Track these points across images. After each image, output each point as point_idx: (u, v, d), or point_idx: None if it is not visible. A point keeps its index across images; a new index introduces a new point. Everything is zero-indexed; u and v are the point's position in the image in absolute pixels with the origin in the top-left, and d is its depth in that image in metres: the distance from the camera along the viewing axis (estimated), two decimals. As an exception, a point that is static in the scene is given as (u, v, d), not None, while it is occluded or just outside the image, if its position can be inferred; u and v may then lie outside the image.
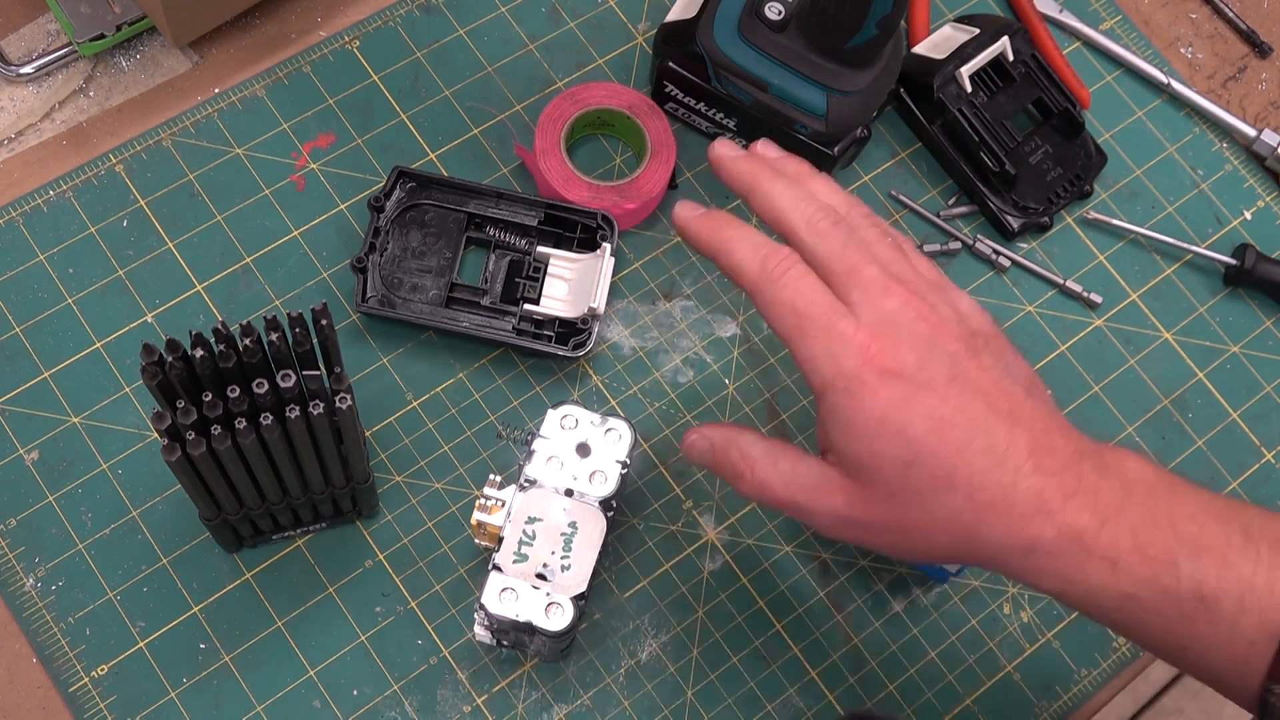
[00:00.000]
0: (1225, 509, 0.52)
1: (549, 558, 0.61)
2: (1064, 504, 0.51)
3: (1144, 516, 0.51)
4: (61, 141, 0.74)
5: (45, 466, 0.68)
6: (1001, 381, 0.53)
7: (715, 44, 0.72)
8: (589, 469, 0.62)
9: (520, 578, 0.60)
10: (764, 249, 0.54)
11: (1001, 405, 0.52)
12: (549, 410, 0.63)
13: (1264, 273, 0.77)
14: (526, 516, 0.61)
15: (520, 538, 0.61)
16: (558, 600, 0.60)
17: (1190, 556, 0.51)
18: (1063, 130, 0.79)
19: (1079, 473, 0.52)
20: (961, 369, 0.52)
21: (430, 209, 0.73)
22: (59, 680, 0.64)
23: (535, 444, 0.62)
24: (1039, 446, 0.52)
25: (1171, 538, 0.51)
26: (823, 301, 0.53)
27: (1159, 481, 0.53)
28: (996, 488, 0.51)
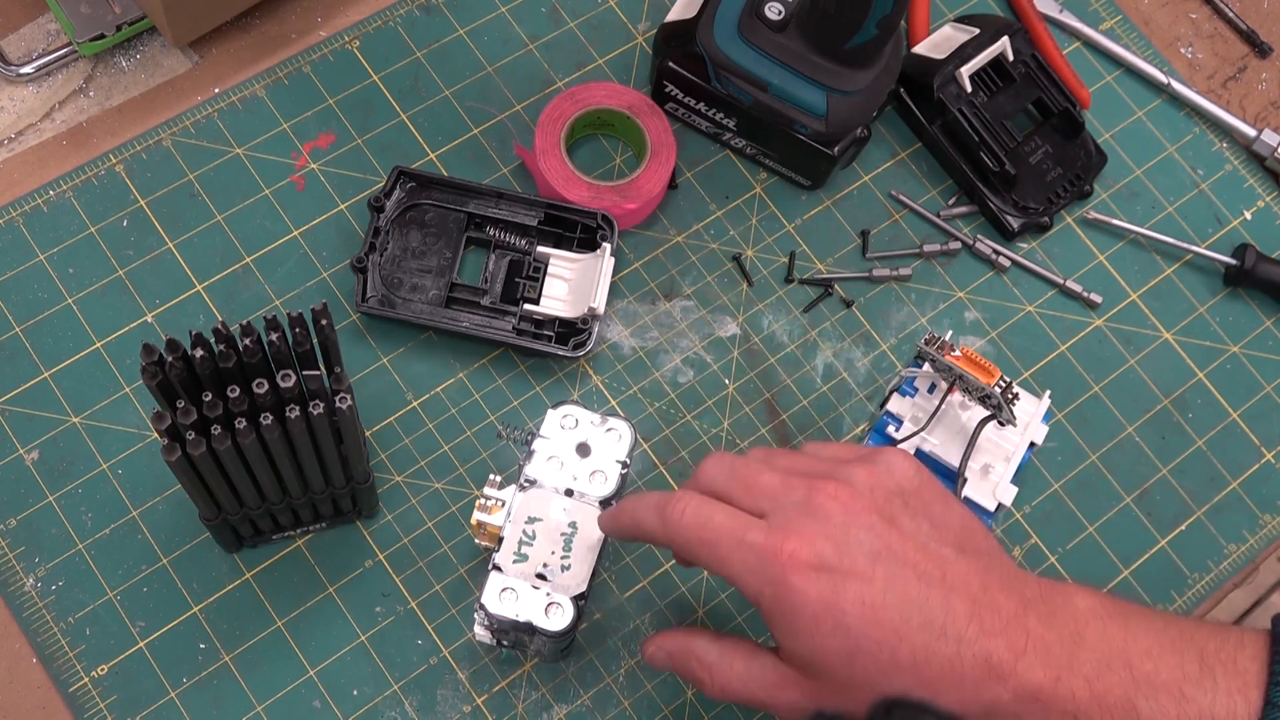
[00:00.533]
0: (1179, 637, 0.52)
1: (549, 558, 0.61)
2: (1014, 664, 0.51)
3: (1098, 663, 0.51)
4: (61, 141, 0.74)
5: (45, 466, 0.68)
6: (928, 546, 0.53)
7: (715, 44, 0.72)
8: (589, 469, 0.62)
9: (520, 578, 0.60)
10: (662, 501, 0.55)
11: (932, 573, 0.52)
12: (549, 410, 0.63)
13: (1264, 273, 0.77)
14: (526, 516, 0.61)
15: (520, 538, 0.61)
16: (558, 600, 0.60)
17: (1148, 699, 0.51)
18: (1063, 130, 0.79)
19: (1025, 628, 0.52)
20: (883, 543, 0.52)
21: (430, 209, 0.73)
22: (59, 680, 0.64)
23: (535, 444, 0.62)
24: (979, 607, 0.52)
25: (1128, 680, 0.51)
26: (728, 522, 0.53)
27: (1110, 617, 0.53)
28: (942, 660, 0.51)
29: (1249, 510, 0.74)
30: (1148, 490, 0.74)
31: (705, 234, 0.76)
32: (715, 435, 0.72)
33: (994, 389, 0.66)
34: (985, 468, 0.69)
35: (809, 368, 0.74)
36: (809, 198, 0.78)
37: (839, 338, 0.75)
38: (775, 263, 0.76)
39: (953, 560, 0.53)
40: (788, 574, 0.51)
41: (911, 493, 0.55)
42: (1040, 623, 0.52)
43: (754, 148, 0.77)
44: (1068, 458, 0.74)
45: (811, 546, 0.52)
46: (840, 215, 0.78)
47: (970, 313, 0.77)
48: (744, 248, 0.76)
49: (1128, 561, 0.73)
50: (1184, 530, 0.74)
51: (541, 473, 0.62)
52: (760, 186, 0.78)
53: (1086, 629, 0.52)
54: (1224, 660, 0.52)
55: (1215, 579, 0.73)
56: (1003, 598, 0.52)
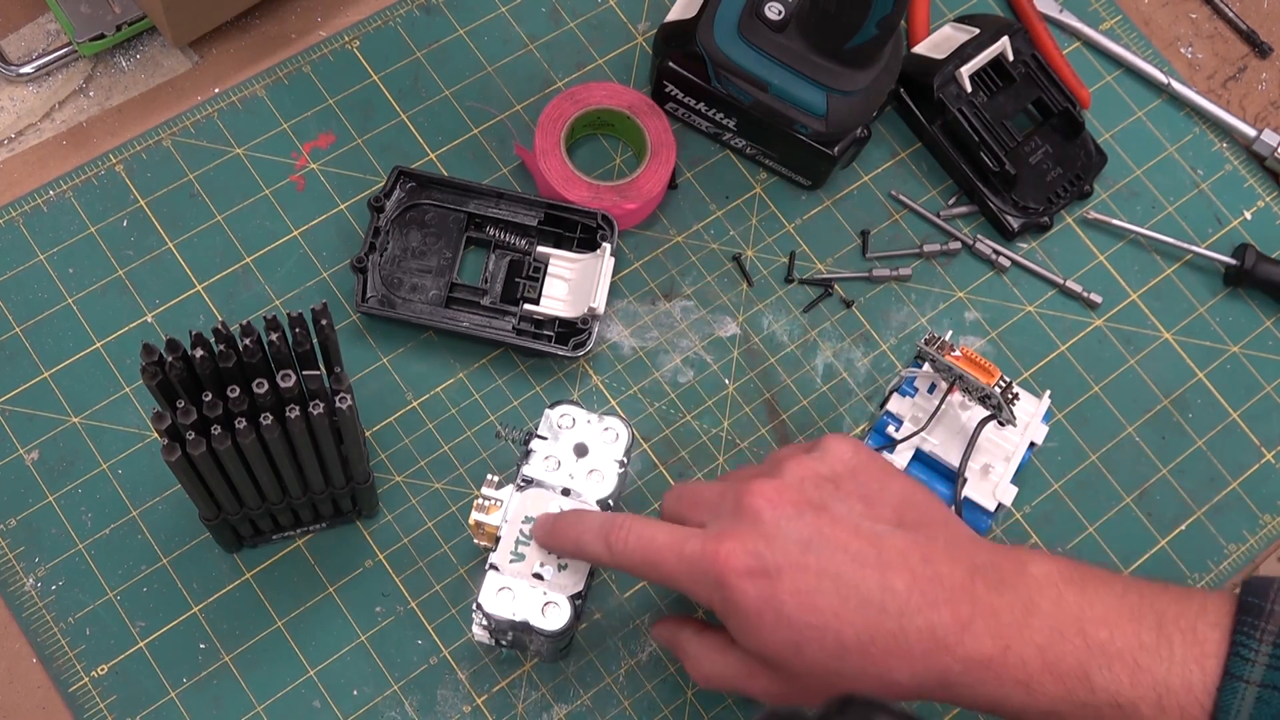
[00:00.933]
0: (1139, 602, 0.52)
1: (546, 557, 0.60)
2: (961, 636, 0.51)
3: (1051, 631, 0.51)
4: (61, 141, 0.74)
5: (45, 466, 0.68)
6: (861, 526, 0.53)
7: (715, 44, 0.72)
8: (586, 468, 0.62)
9: (517, 577, 0.60)
10: (604, 527, 0.56)
11: (867, 553, 0.52)
12: (546, 410, 0.63)
13: (1264, 273, 0.77)
14: (524, 516, 0.61)
15: (517, 537, 0.61)
16: (554, 599, 0.60)
17: (1102, 668, 0.50)
18: (1063, 130, 0.79)
19: (972, 596, 0.51)
20: (812, 530, 0.53)
21: (430, 209, 0.73)
22: (59, 680, 0.64)
23: (533, 444, 0.62)
24: (919, 580, 0.52)
25: (1082, 648, 0.51)
26: (667, 538, 0.55)
27: (1066, 583, 0.52)
28: (886, 637, 0.51)
29: (1249, 510, 0.74)
30: (1148, 490, 0.74)
31: (705, 234, 0.76)
32: (715, 435, 0.72)
33: (994, 389, 0.66)
34: (985, 468, 0.69)
35: (809, 368, 0.74)
36: (809, 198, 0.78)
37: (839, 338, 0.75)
38: (775, 263, 0.76)
39: (889, 536, 0.53)
40: (726, 577, 0.52)
41: (845, 475, 0.55)
42: (989, 590, 0.52)
43: (754, 148, 0.77)
44: (1068, 458, 0.74)
45: (744, 546, 0.53)
46: (840, 215, 0.78)
47: (970, 313, 0.77)
48: (744, 248, 0.76)
49: (1128, 561, 0.73)
50: (1184, 530, 0.74)
51: (539, 473, 0.62)
52: (760, 186, 0.78)
53: (1040, 596, 0.52)
54: (1183, 628, 0.51)
55: (1215, 579, 0.73)
56: (947, 568, 0.52)
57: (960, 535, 0.55)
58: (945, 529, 0.55)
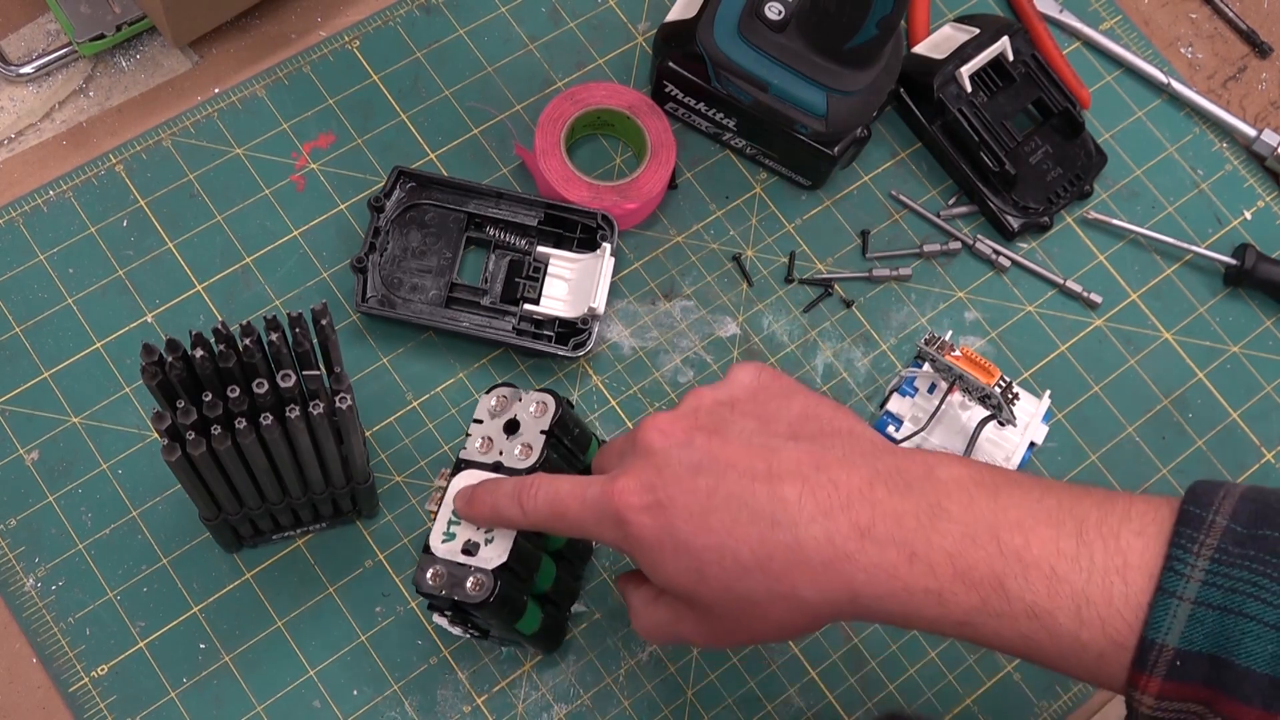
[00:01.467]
0: (1056, 507, 0.48)
1: (474, 534, 0.60)
2: (861, 543, 0.48)
3: (961, 536, 0.48)
4: (61, 141, 0.74)
5: (45, 466, 0.68)
6: (752, 441, 0.52)
7: (715, 44, 0.72)
8: (515, 444, 0.62)
9: (449, 555, 0.59)
10: (515, 488, 0.56)
11: (757, 466, 0.50)
12: (481, 395, 0.62)
13: (1264, 273, 0.77)
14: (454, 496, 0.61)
15: (449, 518, 0.60)
16: (480, 574, 0.58)
17: (1017, 576, 0.47)
18: (1063, 130, 0.79)
19: (871, 501, 0.49)
20: (702, 453, 0.51)
21: (430, 209, 0.73)
22: (59, 680, 0.64)
23: (470, 428, 0.62)
24: (811, 488, 0.49)
25: (995, 555, 0.48)
26: (570, 488, 0.55)
27: (978, 487, 0.49)
28: (782, 549, 0.49)
29: (1249, 510, 0.74)
30: (1148, 490, 0.74)
31: (705, 234, 0.76)
32: (715, 435, 0.72)
33: (994, 389, 0.66)
34: (985, 468, 0.69)
35: (809, 368, 0.74)
36: (809, 198, 0.78)
37: (839, 338, 0.75)
38: (775, 263, 0.76)
39: (782, 449, 0.51)
40: (624, 513, 0.52)
41: (744, 398, 0.54)
42: (891, 494, 0.49)
43: (754, 148, 0.77)
44: (1068, 458, 0.74)
45: (638, 480, 0.52)
46: (840, 215, 0.78)
47: (970, 313, 0.77)
48: (744, 248, 0.76)
49: (1128, 561, 0.72)
50: (1184, 530, 0.73)
51: (474, 455, 0.61)
52: (760, 186, 0.78)
53: (949, 500, 0.49)
54: (1105, 535, 0.47)
55: (1215, 579, 0.73)
56: (844, 475, 0.50)
57: (862, 443, 0.52)
58: (846, 438, 0.52)
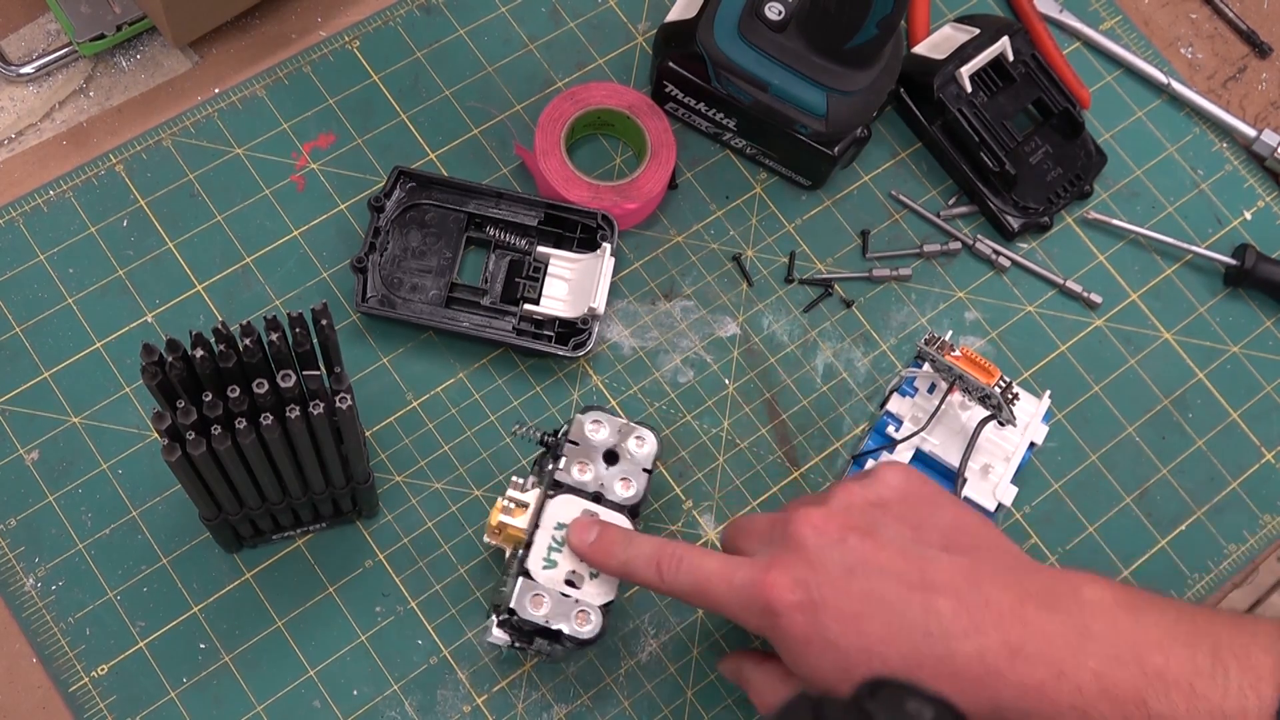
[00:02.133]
0: (1192, 629, 0.52)
1: (578, 564, 0.60)
2: (1011, 661, 0.50)
3: (1106, 655, 0.50)
4: (61, 141, 0.74)
5: (45, 466, 0.68)
6: (907, 550, 0.53)
7: (715, 44, 0.72)
8: (616, 475, 0.62)
9: (549, 584, 0.60)
10: (654, 555, 0.57)
11: (911, 576, 0.52)
12: (577, 415, 0.63)
13: (1264, 273, 0.77)
14: (555, 522, 0.61)
15: (549, 543, 0.60)
16: (586, 608, 0.60)
17: (1158, 694, 0.50)
18: (1063, 130, 0.79)
19: (1023, 620, 0.51)
20: (858, 557, 0.53)
21: (430, 209, 0.73)
22: (59, 680, 0.64)
23: (564, 449, 0.62)
24: (967, 605, 0.51)
25: (1138, 674, 0.50)
26: (717, 568, 0.55)
27: (1121, 608, 0.52)
28: (934, 662, 0.51)
29: (1249, 510, 0.74)
30: (1148, 490, 0.74)
31: (705, 234, 0.76)
32: (715, 435, 0.72)
33: (994, 389, 0.66)
34: (985, 468, 0.69)
35: (809, 368, 0.74)
36: (809, 198, 0.78)
37: (839, 338, 0.75)
38: (775, 263, 0.76)
39: (936, 560, 0.53)
40: (773, 605, 0.53)
41: (895, 501, 0.55)
42: (1041, 614, 0.51)
43: (754, 148, 0.77)
44: (1068, 458, 0.74)
45: (789, 574, 0.53)
46: (840, 215, 0.78)
47: (970, 313, 0.77)
48: (744, 248, 0.76)
49: (1128, 561, 0.73)
50: (1184, 530, 0.74)
51: (570, 478, 0.62)
52: (760, 186, 0.78)
53: (1094, 620, 0.51)
54: (1238, 654, 0.51)
55: (1215, 579, 0.73)
56: (997, 592, 0.52)
57: (1009, 557, 0.54)
58: (995, 553, 0.54)
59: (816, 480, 0.72)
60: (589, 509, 0.61)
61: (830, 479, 0.72)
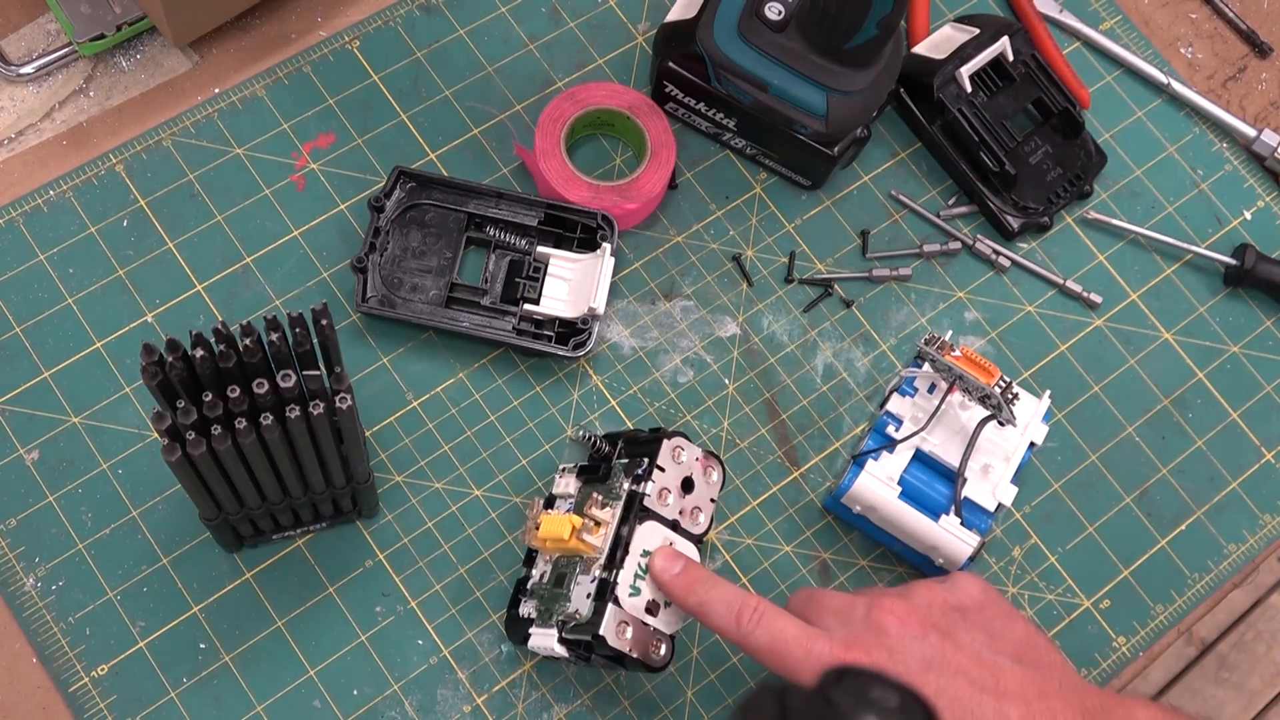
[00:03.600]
0: None
1: (658, 594, 0.61)
2: None
3: None
4: (61, 141, 0.74)
5: (45, 466, 0.68)
6: (982, 655, 0.54)
7: (715, 44, 0.72)
8: (690, 504, 0.62)
9: (633, 611, 0.60)
10: (736, 604, 0.57)
11: (985, 680, 0.53)
12: (664, 440, 0.63)
13: (1264, 273, 0.77)
14: (642, 550, 0.61)
15: (636, 570, 0.61)
16: (661, 639, 0.60)
17: None
18: (1063, 130, 0.79)
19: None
20: (936, 653, 0.54)
21: (430, 209, 0.73)
22: (59, 680, 0.64)
23: (655, 475, 0.62)
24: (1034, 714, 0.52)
25: None
26: (796, 634, 0.56)
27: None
28: None
29: (1249, 510, 0.74)
30: (1148, 490, 0.74)
31: (705, 234, 0.76)
32: (715, 435, 0.72)
33: (994, 389, 0.66)
34: (985, 468, 0.69)
35: (809, 368, 0.74)
36: (809, 198, 0.78)
37: (839, 338, 0.75)
38: (775, 263, 0.76)
39: (1008, 669, 0.54)
40: None
41: (973, 609, 0.57)
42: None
43: (754, 148, 0.77)
44: (1068, 458, 0.74)
45: (869, 656, 0.54)
46: (840, 215, 0.78)
47: (970, 313, 0.77)
48: (744, 248, 0.76)
49: (1128, 561, 0.73)
50: (1184, 530, 0.74)
51: (656, 505, 0.62)
52: (760, 186, 0.78)
53: None
54: None
55: (1215, 579, 0.73)
56: (1060, 705, 0.53)
57: (1072, 677, 0.57)
58: (1061, 671, 0.57)
59: (816, 480, 0.72)
60: (669, 537, 0.62)
61: (830, 479, 0.72)
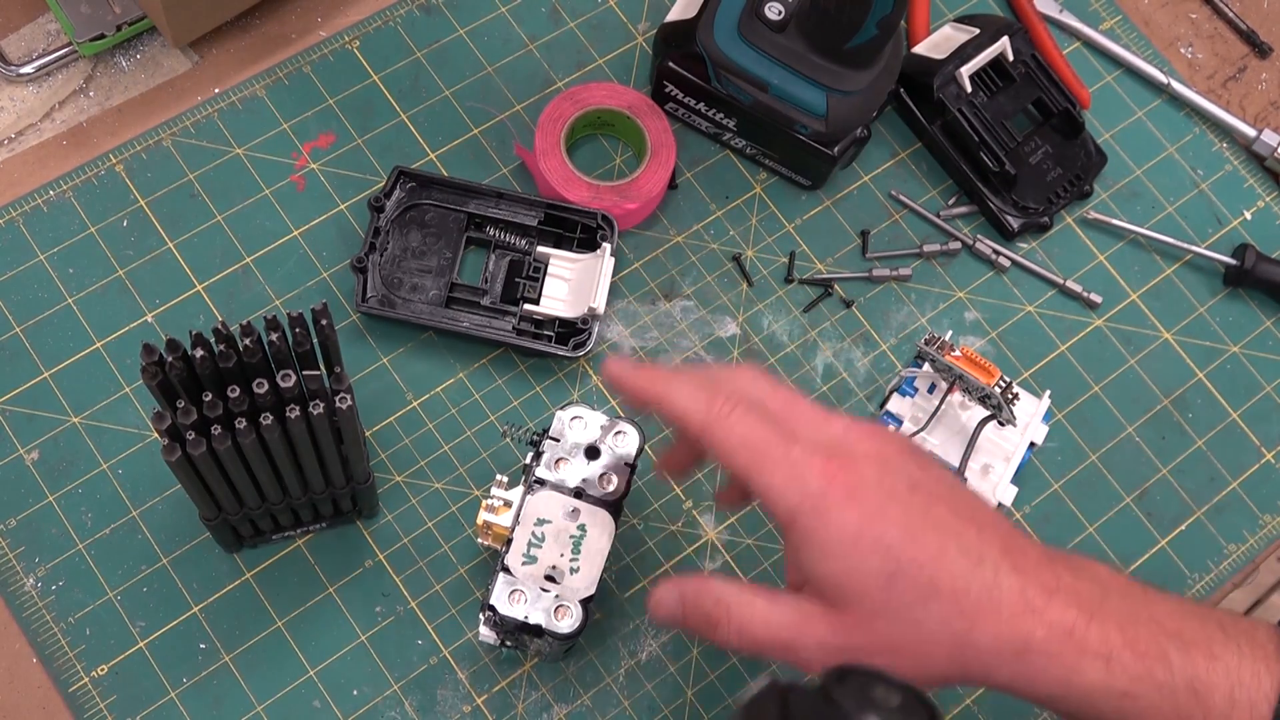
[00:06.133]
0: (1198, 608, 0.53)
1: (558, 560, 0.60)
2: (1048, 601, 0.51)
3: (1127, 612, 0.51)
4: (61, 141, 0.74)
5: (45, 466, 0.68)
6: (958, 489, 0.54)
7: (715, 44, 0.72)
8: (597, 471, 0.62)
9: (529, 580, 0.60)
10: (707, 390, 0.54)
11: (964, 509, 0.53)
12: (557, 411, 0.63)
13: (1264, 273, 0.77)
14: (535, 518, 0.61)
15: (529, 539, 0.61)
16: (566, 603, 0.60)
17: (1180, 649, 0.51)
18: (1063, 130, 0.79)
19: (1055, 571, 0.52)
20: (918, 478, 0.53)
21: (430, 209, 0.73)
22: (59, 680, 0.64)
23: (544, 445, 0.62)
24: (1010, 546, 0.52)
25: (1159, 631, 0.51)
26: (772, 434, 0.52)
27: (1131, 584, 0.53)
28: (981, 588, 0.51)
29: (1249, 510, 0.74)
30: (1148, 490, 0.74)
31: (705, 234, 0.76)
32: (715, 435, 0.72)
33: (994, 389, 0.66)
34: (985, 468, 0.69)
35: (809, 368, 0.74)
36: (809, 198, 0.78)
37: (839, 338, 0.75)
38: (775, 263, 0.76)
39: (981, 506, 0.54)
40: (830, 491, 0.51)
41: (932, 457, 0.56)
42: (1067, 571, 0.52)
43: (754, 148, 0.77)
44: (1068, 458, 0.74)
45: (855, 470, 0.52)
46: (840, 215, 0.78)
47: (970, 313, 0.77)
48: (744, 248, 0.76)
49: (1128, 561, 0.73)
50: (1184, 530, 0.74)
51: (550, 474, 0.62)
52: (760, 186, 0.78)
53: (1110, 586, 0.52)
54: (1244, 633, 0.52)
55: (1215, 579, 0.73)
56: (1029, 545, 0.53)
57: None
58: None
59: (816, 480, 0.72)
60: (570, 504, 0.61)
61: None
